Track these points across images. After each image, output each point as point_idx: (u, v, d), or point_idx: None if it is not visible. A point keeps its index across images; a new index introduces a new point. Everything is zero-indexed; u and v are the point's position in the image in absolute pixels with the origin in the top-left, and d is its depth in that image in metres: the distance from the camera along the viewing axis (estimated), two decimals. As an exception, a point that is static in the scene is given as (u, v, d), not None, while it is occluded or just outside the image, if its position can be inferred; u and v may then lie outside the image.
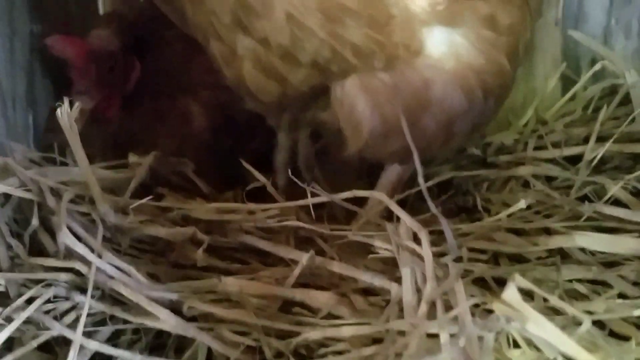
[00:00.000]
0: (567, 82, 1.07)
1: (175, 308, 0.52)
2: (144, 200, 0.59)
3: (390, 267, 0.56)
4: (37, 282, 0.54)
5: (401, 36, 0.63)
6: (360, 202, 0.66)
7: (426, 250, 0.51)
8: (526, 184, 0.77)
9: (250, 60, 0.65)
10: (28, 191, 0.56)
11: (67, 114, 0.53)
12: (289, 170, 0.68)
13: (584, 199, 0.69)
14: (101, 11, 1.03)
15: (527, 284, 0.44)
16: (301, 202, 0.63)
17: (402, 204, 0.61)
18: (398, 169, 0.70)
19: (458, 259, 0.54)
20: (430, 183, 0.77)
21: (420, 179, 0.59)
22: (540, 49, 1.13)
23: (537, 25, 1.14)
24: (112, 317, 0.52)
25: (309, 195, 0.62)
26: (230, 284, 0.53)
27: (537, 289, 0.44)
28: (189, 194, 0.72)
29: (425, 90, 0.66)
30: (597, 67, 0.92)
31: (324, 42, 0.61)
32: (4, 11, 0.86)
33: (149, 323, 0.49)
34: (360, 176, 0.78)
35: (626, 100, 0.85)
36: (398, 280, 0.52)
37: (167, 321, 0.49)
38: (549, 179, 0.78)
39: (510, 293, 0.41)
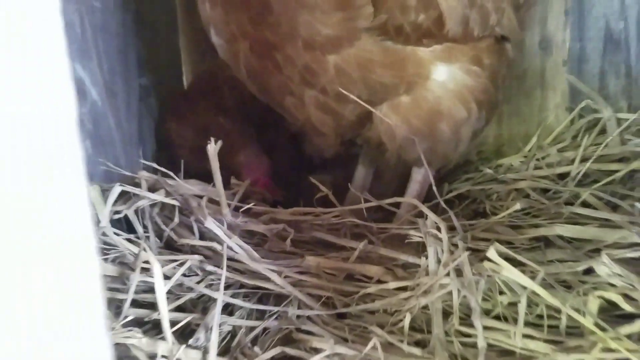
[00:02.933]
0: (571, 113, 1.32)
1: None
2: (249, 206, 0.86)
3: (420, 250, 0.81)
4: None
5: (415, 71, 0.88)
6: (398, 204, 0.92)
7: (444, 236, 0.75)
8: (527, 196, 1.01)
9: (314, 105, 0.91)
10: (174, 199, 0.83)
11: (213, 149, 0.80)
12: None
13: (569, 204, 0.93)
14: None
15: (502, 249, 0.68)
16: (356, 206, 0.88)
17: (432, 207, 0.86)
18: (423, 171, 0.96)
19: (465, 241, 0.78)
20: (451, 195, 1.02)
21: (434, 187, 0.85)
22: (551, 86, 1.38)
23: (548, 65, 1.39)
24: (229, 286, 0.77)
25: (362, 201, 0.88)
26: (311, 260, 0.78)
27: (509, 251, 0.68)
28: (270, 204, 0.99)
29: (437, 104, 0.91)
30: (582, 104, 1.16)
31: (363, 85, 0.87)
32: (123, 69, 1.13)
33: (262, 284, 0.74)
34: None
35: (604, 130, 1.09)
36: (425, 257, 0.76)
37: (276, 281, 0.74)
38: (545, 191, 1.01)
39: (491, 253, 0.65)
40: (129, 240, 0.81)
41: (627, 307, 0.62)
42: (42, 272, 0.34)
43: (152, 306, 0.72)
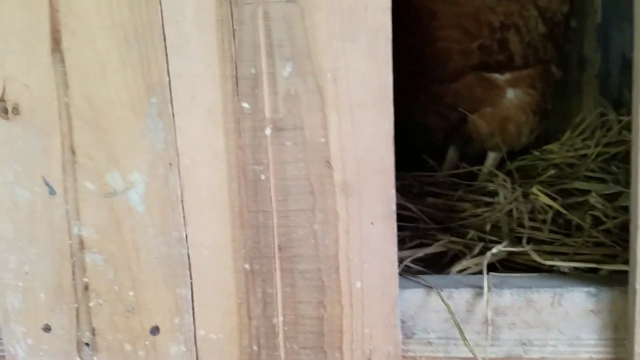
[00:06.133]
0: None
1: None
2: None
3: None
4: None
5: (496, 92, 1.48)
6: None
7: (508, 184, 1.35)
8: (559, 167, 1.59)
9: (433, 113, 1.52)
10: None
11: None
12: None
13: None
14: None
15: (540, 188, 1.28)
16: (455, 172, 1.49)
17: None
18: (495, 153, 1.56)
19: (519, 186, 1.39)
20: (512, 167, 1.62)
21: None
22: (586, 93, 1.97)
23: (584, 78, 1.98)
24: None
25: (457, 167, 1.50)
26: (430, 199, 1.40)
27: (546, 190, 1.28)
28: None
29: (507, 113, 1.50)
30: (598, 110, 1.74)
31: (468, 102, 1.48)
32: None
33: (402, 212, 1.36)
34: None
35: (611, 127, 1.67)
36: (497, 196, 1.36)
37: (413, 209, 1.36)
38: (571, 165, 1.59)
39: (534, 188, 1.25)
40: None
41: (605, 220, 1.21)
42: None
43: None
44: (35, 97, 0.91)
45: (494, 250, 0.96)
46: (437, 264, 1.16)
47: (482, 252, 1.10)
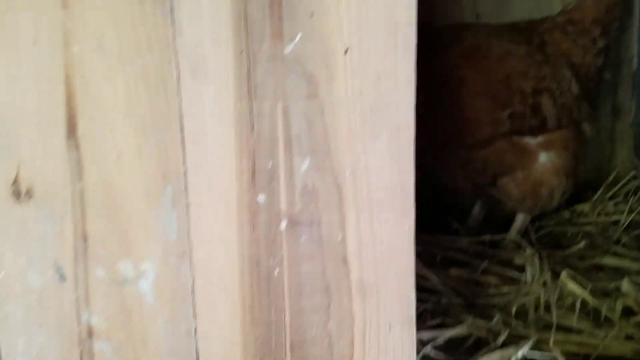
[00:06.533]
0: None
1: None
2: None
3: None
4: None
5: (527, 157, 1.43)
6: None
7: (536, 262, 1.30)
8: (590, 234, 1.53)
9: (461, 176, 1.48)
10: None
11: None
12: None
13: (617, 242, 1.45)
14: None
15: (570, 272, 1.22)
16: (480, 238, 1.45)
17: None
18: (524, 216, 1.51)
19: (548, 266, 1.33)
20: (541, 232, 1.56)
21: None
22: (620, 142, 1.90)
23: (617, 127, 1.91)
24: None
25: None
26: (454, 271, 1.35)
27: (575, 274, 1.22)
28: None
29: (539, 177, 1.45)
30: (631, 173, 1.67)
31: (498, 166, 1.43)
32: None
33: (423, 283, 1.32)
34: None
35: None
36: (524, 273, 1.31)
37: (433, 281, 1.31)
38: (603, 231, 1.54)
39: (563, 275, 1.20)
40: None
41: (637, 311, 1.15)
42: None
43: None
44: (48, 182, 0.89)
45: (519, 355, 0.92)
46: (459, 347, 1.12)
47: (507, 342, 1.06)
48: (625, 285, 1.17)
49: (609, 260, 1.32)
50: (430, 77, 1.08)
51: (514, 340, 1.06)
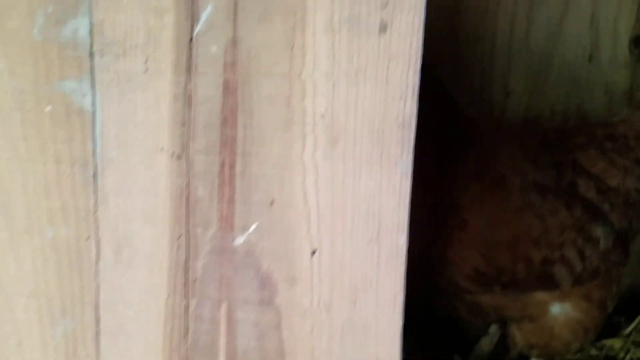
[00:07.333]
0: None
1: None
2: None
3: None
4: None
5: (535, 309, 1.21)
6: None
7: None
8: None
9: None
10: None
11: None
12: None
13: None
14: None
15: None
16: None
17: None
18: None
19: None
20: None
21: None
22: None
23: None
24: None
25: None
26: None
27: None
28: None
29: (550, 330, 1.21)
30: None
31: (497, 315, 1.21)
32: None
33: None
34: None
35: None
36: None
37: None
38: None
39: None
40: None
41: None
42: None
43: None
44: None
45: None
46: None
47: None
48: None
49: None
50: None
51: None
